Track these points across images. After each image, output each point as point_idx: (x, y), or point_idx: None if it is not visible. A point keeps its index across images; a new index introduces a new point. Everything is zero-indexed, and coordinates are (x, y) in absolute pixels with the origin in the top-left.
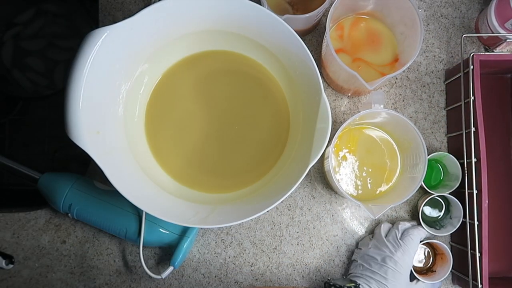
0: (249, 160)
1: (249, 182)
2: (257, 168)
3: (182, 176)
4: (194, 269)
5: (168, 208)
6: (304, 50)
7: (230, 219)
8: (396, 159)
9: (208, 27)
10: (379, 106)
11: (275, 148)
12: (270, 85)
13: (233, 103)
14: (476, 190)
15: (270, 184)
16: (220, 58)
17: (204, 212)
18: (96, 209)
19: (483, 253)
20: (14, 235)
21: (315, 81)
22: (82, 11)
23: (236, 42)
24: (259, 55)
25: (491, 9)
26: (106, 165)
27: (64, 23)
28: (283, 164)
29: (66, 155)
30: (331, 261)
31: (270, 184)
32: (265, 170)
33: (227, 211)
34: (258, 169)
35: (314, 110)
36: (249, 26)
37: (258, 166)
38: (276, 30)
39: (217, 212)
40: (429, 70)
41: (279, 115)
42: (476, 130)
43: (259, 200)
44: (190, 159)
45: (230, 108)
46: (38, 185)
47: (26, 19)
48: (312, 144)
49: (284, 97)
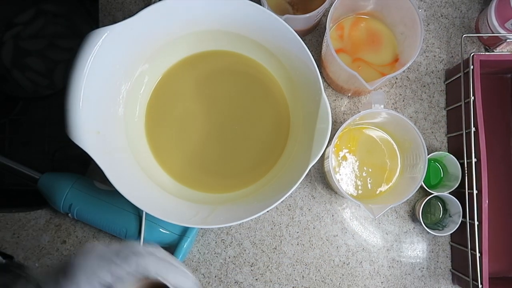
0: (249, 160)
1: (249, 182)
2: (258, 168)
3: (182, 176)
4: (194, 269)
5: (168, 208)
6: (305, 50)
7: (230, 219)
8: (396, 159)
9: (208, 27)
10: (379, 106)
11: (275, 148)
12: (271, 85)
13: (233, 103)
14: (476, 190)
15: (271, 184)
16: (220, 58)
17: (205, 212)
18: (96, 209)
19: (483, 253)
20: (14, 235)
21: (315, 81)
22: (82, 11)
23: (237, 42)
24: (259, 55)
25: (491, 9)
26: (106, 165)
27: (64, 23)
28: (284, 164)
29: (66, 155)
30: (331, 261)
31: (270, 184)
32: (266, 170)
33: (227, 211)
34: (258, 169)
35: (314, 110)
36: (249, 26)
37: (259, 166)
38: (276, 31)
39: (218, 212)
40: (429, 70)
41: (279, 115)
42: (476, 130)
43: (260, 199)
44: (190, 159)
45: (231, 108)
46: (38, 185)
47: (26, 19)
48: (312, 144)
49: (285, 97)
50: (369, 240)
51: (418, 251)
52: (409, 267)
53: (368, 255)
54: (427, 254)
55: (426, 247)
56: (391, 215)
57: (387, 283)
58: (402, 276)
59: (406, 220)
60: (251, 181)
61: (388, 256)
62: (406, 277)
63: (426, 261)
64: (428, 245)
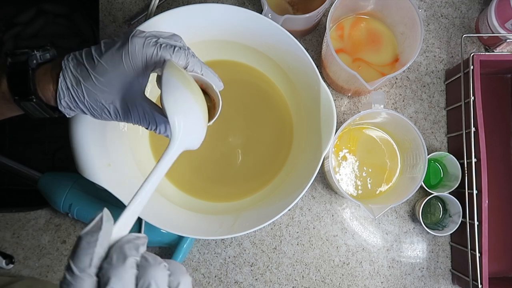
0: (259, 163)
1: (264, 184)
2: (269, 169)
3: (196, 190)
4: (194, 269)
5: (195, 225)
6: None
7: (256, 223)
8: (396, 159)
9: (212, 37)
10: (379, 106)
11: (283, 147)
12: (270, 91)
13: (237, 112)
14: (476, 190)
15: (286, 181)
16: (223, 68)
17: (229, 222)
18: (96, 209)
19: (483, 253)
20: (14, 235)
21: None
22: (82, 11)
23: (239, 52)
24: (258, 61)
25: (491, 9)
26: (124, 196)
27: (64, 23)
28: (294, 161)
29: (66, 155)
30: (331, 261)
31: (286, 182)
32: (277, 170)
33: (250, 216)
34: (270, 170)
35: (316, 103)
36: (251, 36)
37: (269, 167)
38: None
39: (242, 219)
40: (429, 70)
41: (282, 115)
42: (476, 130)
43: (280, 198)
44: (199, 170)
45: (235, 116)
46: (38, 185)
47: (27, 19)
48: (320, 136)
49: (285, 98)
50: (369, 240)
51: (418, 251)
52: (409, 267)
53: (368, 255)
54: (427, 254)
55: (426, 247)
56: (391, 215)
57: (387, 283)
58: (402, 276)
59: (406, 220)
60: (265, 182)
61: (388, 256)
62: (406, 277)
63: (426, 261)
64: (428, 245)
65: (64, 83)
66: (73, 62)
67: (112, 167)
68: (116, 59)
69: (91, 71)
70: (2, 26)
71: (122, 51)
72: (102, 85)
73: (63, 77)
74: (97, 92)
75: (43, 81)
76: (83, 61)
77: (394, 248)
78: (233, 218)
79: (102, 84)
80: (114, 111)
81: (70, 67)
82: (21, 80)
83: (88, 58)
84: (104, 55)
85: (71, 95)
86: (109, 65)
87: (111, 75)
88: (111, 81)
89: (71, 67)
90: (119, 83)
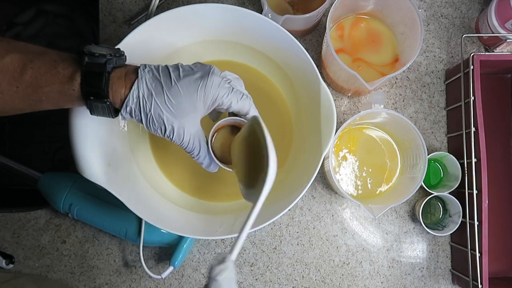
0: None
1: None
2: None
3: (196, 190)
4: (194, 269)
5: (197, 225)
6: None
7: (259, 222)
8: (396, 159)
9: (212, 37)
10: (379, 106)
11: (282, 147)
12: (270, 91)
13: None
14: (476, 190)
15: (287, 180)
16: (223, 68)
17: (229, 222)
18: (96, 209)
19: (483, 253)
20: (14, 235)
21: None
22: (82, 11)
23: (239, 52)
24: (258, 61)
25: (491, 9)
26: (124, 196)
27: (64, 23)
28: (294, 160)
29: (66, 155)
30: (331, 261)
31: (287, 181)
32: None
33: None
34: None
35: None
36: (251, 36)
37: None
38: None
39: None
40: (429, 70)
41: (282, 115)
42: (476, 130)
43: (281, 197)
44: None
45: None
46: (38, 185)
47: (27, 19)
48: (320, 136)
49: (285, 99)
50: (369, 240)
51: (418, 251)
52: (409, 267)
53: (368, 255)
54: (427, 254)
55: (426, 247)
56: (391, 215)
57: (387, 283)
58: (402, 276)
59: (406, 220)
60: None
61: (388, 256)
62: (406, 277)
63: (426, 261)
64: (428, 245)
65: (137, 92)
66: (149, 75)
67: (112, 167)
68: (191, 88)
69: (165, 89)
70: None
71: (199, 83)
72: (170, 106)
73: (137, 86)
74: (164, 110)
75: (116, 85)
76: (160, 78)
77: (394, 248)
78: (233, 218)
79: (171, 105)
80: (170, 131)
81: (146, 79)
82: (96, 81)
83: (165, 77)
84: (181, 80)
85: (139, 104)
86: (184, 91)
87: (181, 100)
88: (179, 105)
89: (147, 79)
90: (186, 109)
